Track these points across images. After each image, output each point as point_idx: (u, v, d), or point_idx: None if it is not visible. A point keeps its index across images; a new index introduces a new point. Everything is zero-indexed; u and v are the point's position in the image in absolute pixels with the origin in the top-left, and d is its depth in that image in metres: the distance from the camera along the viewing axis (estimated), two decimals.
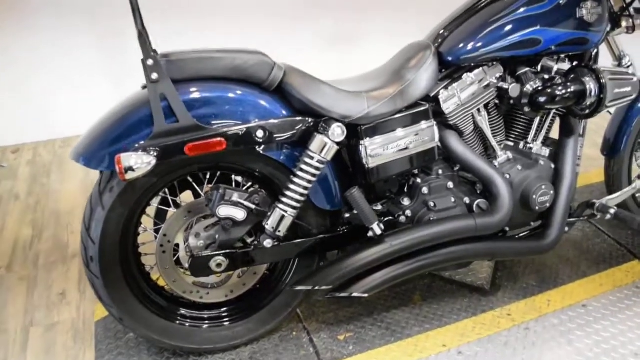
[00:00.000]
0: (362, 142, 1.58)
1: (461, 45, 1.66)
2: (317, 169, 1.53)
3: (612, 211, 1.85)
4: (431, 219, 1.69)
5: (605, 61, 1.97)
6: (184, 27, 3.29)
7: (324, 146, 1.51)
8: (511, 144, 1.86)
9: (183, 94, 1.43)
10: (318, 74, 1.58)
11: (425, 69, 1.64)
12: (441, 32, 1.73)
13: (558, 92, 1.65)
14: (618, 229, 2.39)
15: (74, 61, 3.27)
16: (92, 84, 3.33)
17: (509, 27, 1.65)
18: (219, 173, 1.66)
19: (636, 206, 2.26)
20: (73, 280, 2.16)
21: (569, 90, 1.65)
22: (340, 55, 3.68)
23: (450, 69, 1.72)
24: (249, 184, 1.70)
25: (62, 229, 2.49)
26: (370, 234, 1.61)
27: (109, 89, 3.33)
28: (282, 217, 1.55)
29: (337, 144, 1.53)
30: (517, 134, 1.87)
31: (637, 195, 2.27)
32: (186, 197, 1.71)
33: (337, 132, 1.51)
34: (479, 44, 1.65)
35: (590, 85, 1.65)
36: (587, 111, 1.70)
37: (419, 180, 1.75)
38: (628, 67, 2.12)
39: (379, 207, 1.76)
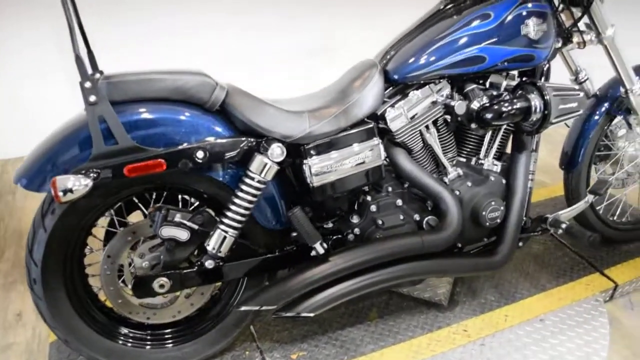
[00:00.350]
0: (305, 161, 1.58)
1: (407, 63, 1.67)
2: (257, 189, 1.52)
3: (563, 226, 1.85)
4: (378, 236, 1.68)
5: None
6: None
7: (264, 166, 1.51)
8: (463, 160, 1.86)
9: (122, 116, 1.42)
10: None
11: (370, 88, 1.64)
12: (388, 50, 1.73)
13: (504, 109, 1.65)
14: (580, 241, 2.39)
15: (43, 77, 3.26)
16: (63, 100, 3.32)
17: (453, 45, 1.65)
18: (165, 193, 1.65)
19: (596, 218, 2.26)
20: (30, 301, 2.13)
21: (514, 106, 1.65)
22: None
23: (397, 87, 1.72)
24: (197, 203, 1.69)
25: (23, 248, 2.46)
26: (313, 253, 1.60)
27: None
28: (224, 237, 1.54)
29: (278, 163, 1.53)
30: (469, 150, 1.86)
31: (597, 207, 2.27)
32: (137, 217, 1.70)
33: (277, 152, 1.51)
34: (424, 62, 1.65)
35: (535, 101, 1.65)
36: (534, 127, 1.70)
37: (368, 197, 1.75)
38: (584, 81, 2.13)
39: (330, 225, 1.76)
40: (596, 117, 2.09)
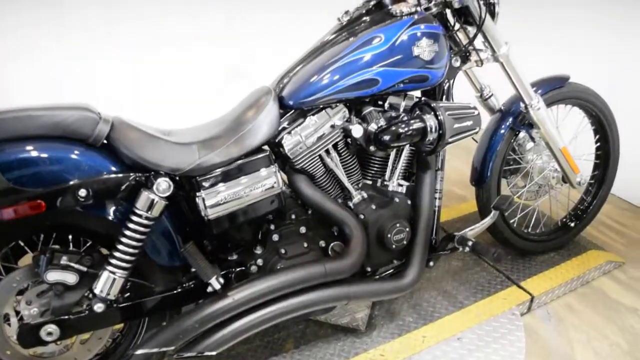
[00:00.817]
0: (198, 193, 1.52)
1: (301, 88, 1.64)
2: (146, 226, 1.46)
3: (470, 243, 1.85)
4: (280, 267, 1.64)
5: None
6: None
7: (151, 202, 1.45)
8: (369, 182, 1.84)
9: None
10: None
11: (265, 115, 1.61)
12: (283, 76, 1.71)
13: (400, 130, 1.64)
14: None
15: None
16: None
17: (346, 69, 1.63)
18: (55, 234, 1.56)
19: (510, 232, 2.29)
20: None
21: (410, 127, 1.65)
22: None
23: (294, 113, 1.69)
24: (90, 242, 1.61)
25: None
26: (210, 289, 1.54)
27: None
28: (113, 279, 1.47)
29: (168, 198, 1.47)
30: (374, 172, 1.85)
31: (511, 221, 2.30)
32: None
33: (163, 186, 1.45)
34: (319, 87, 1.63)
35: (430, 122, 1.65)
36: (431, 147, 1.70)
37: (271, 226, 1.71)
38: (489, 97, 2.17)
39: (234, 257, 1.71)
40: (501, 132, 2.12)
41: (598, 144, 2.41)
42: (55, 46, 2.97)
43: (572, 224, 2.47)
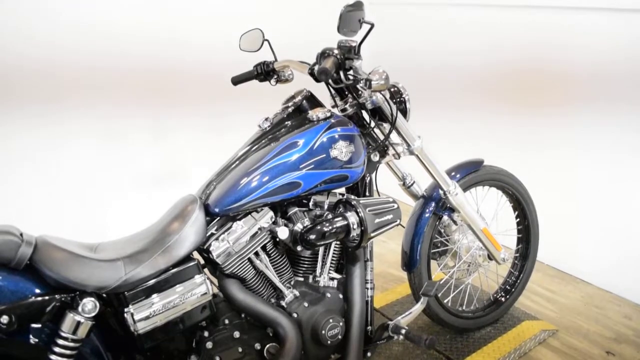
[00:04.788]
0: (126, 309, 1.52)
1: (226, 195, 1.70)
2: (72, 348, 1.44)
3: (403, 331, 1.90)
4: None
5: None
6: None
7: (77, 324, 1.44)
8: (301, 279, 1.89)
9: None
10: None
11: (191, 224, 1.64)
12: (208, 184, 1.77)
13: (325, 229, 1.71)
14: (437, 335, 2.47)
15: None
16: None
17: (269, 175, 1.71)
18: None
19: (446, 312, 2.35)
20: None
21: (334, 226, 1.72)
22: None
23: (220, 219, 1.74)
24: None
25: None
26: None
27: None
28: None
29: (94, 317, 1.46)
30: (304, 269, 1.90)
31: (445, 300, 2.37)
32: None
33: (89, 307, 1.45)
34: (243, 193, 1.69)
35: (352, 219, 1.73)
36: (356, 242, 1.77)
37: (205, 333, 1.71)
38: (411, 185, 2.28)
39: None
40: (426, 217, 2.23)
41: (518, 219, 2.56)
42: None
43: (504, 298, 2.57)
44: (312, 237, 1.71)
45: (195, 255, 1.71)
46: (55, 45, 2.84)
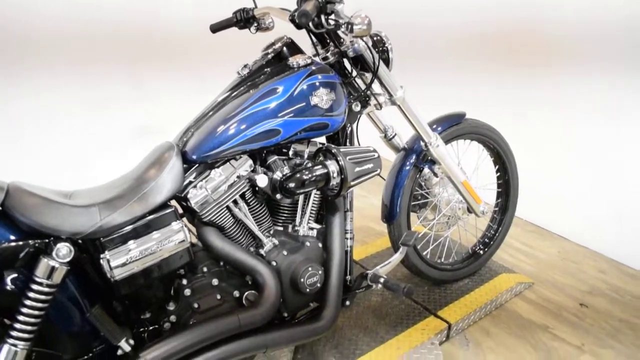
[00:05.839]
0: (102, 255, 1.51)
1: (204, 142, 1.67)
2: (47, 294, 1.42)
3: (381, 280, 1.91)
4: (192, 322, 1.63)
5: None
6: None
7: (51, 269, 1.41)
8: (280, 228, 1.88)
9: None
10: None
11: (168, 171, 1.62)
12: (186, 131, 1.74)
13: (304, 177, 1.69)
14: (415, 287, 2.50)
15: None
16: None
17: (248, 121, 1.68)
18: None
19: (424, 264, 2.37)
20: None
21: (313, 174, 1.70)
22: None
23: (198, 167, 1.71)
24: None
25: None
26: (120, 352, 1.51)
27: None
28: (14, 352, 1.41)
29: (69, 263, 1.44)
30: (284, 218, 1.89)
31: (424, 253, 2.39)
32: None
33: (63, 252, 1.43)
34: (221, 140, 1.66)
35: (332, 167, 1.72)
36: (335, 191, 1.76)
37: (184, 281, 1.70)
38: (393, 137, 2.27)
39: (147, 315, 1.68)
40: (406, 169, 2.22)
41: (498, 173, 2.57)
42: None
43: (482, 251, 2.60)
44: (292, 185, 1.69)
45: (175, 204, 1.68)
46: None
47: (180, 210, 1.76)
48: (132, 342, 1.51)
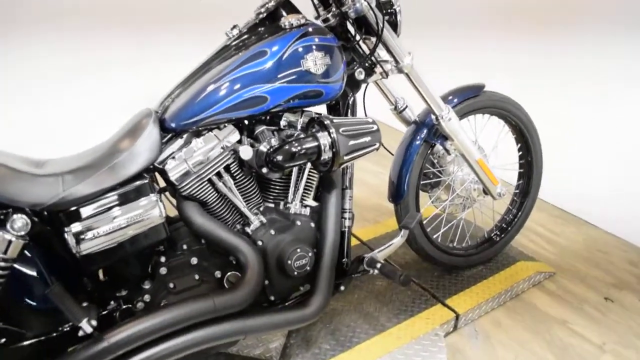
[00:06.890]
0: (67, 229, 1.39)
1: (184, 109, 1.53)
2: (3, 268, 1.32)
3: (378, 265, 1.75)
4: (164, 303, 1.51)
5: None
6: None
7: (8, 243, 1.31)
8: (271, 205, 1.73)
9: None
10: None
11: (143, 140, 1.48)
12: (166, 97, 1.60)
13: (293, 150, 1.54)
14: (424, 272, 2.33)
15: None
16: None
17: (231, 87, 1.53)
18: None
19: (434, 248, 2.20)
20: None
21: (303, 147, 1.54)
22: None
23: (179, 136, 1.57)
24: None
25: None
26: (81, 333, 1.40)
27: None
28: None
29: (26, 236, 1.33)
30: (276, 194, 1.74)
31: (434, 236, 2.22)
32: None
33: (18, 224, 1.31)
34: (202, 107, 1.52)
35: (323, 140, 1.55)
36: (327, 165, 1.59)
37: (162, 259, 1.58)
38: (403, 109, 2.09)
39: (123, 293, 1.57)
40: (416, 144, 2.04)
41: (520, 152, 2.36)
42: None
43: (499, 237, 2.40)
44: (279, 158, 1.54)
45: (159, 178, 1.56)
46: None
47: (164, 184, 1.63)
48: (94, 322, 1.40)
